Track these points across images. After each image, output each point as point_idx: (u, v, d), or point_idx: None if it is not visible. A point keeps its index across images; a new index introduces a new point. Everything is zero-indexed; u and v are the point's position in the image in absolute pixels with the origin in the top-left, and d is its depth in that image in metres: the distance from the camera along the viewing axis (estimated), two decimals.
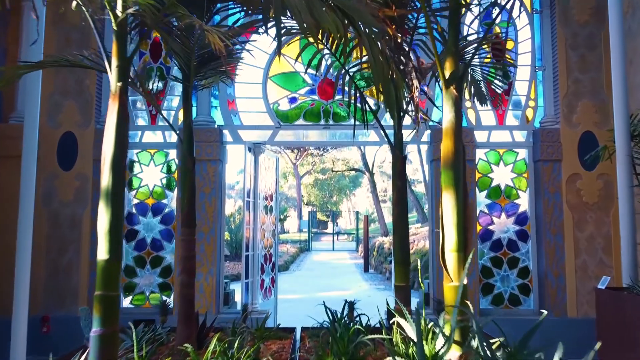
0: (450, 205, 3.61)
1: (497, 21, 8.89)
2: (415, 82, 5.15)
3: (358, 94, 5.25)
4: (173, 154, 8.82)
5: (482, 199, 8.77)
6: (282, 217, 34.85)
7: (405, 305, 4.58)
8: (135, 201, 8.84)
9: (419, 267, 5.80)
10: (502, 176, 8.83)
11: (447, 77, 3.67)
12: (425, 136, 8.93)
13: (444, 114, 3.72)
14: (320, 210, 55.36)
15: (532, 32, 8.95)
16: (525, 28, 8.97)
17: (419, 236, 19.32)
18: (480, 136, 8.78)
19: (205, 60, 4.91)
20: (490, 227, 8.72)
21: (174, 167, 8.80)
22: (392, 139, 4.88)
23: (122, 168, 3.08)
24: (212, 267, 8.40)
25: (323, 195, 53.22)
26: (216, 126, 8.76)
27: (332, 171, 42.53)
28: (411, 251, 19.70)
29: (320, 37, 4.60)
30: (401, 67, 4.98)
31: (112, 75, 3.19)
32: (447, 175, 3.63)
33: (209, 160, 8.53)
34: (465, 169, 3.82)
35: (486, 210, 8.75)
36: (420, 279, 4.42)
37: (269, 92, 8.96)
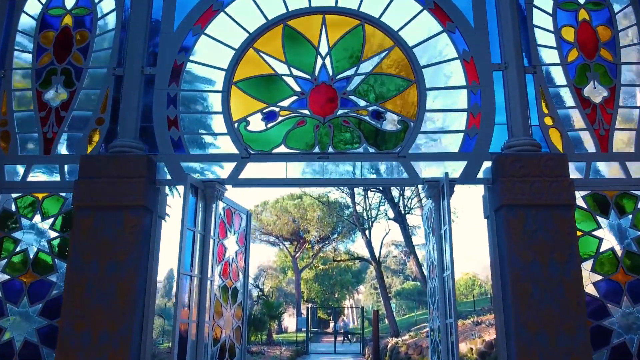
0: None
1: None
2: None
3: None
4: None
5: (585, 272, 5.17)
6: (277, 313, 30.43)
7: None
8: (3, 278, 5.27)
9: None
10: (615, 234, 5.31)
11: None
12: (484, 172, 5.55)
13: None
14: (321, 307, 50.61)
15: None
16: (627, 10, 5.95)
17: None
18: (571, 170, 5.40)
19: None
20: (605, 324, 5.06)
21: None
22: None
23: None
24: None
25: (324, 291, 48.85)
26: (144, 153, 5.40)
27: (334, 260, 38.57)
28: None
29: None
30: None
31: None
32: None
33: (129, 207, 5.09)
34: None
35: (595, 293, 5.13)
36: None
37: (233, 105, 5.73)
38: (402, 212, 26.17)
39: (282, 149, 5.60)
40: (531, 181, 5.08)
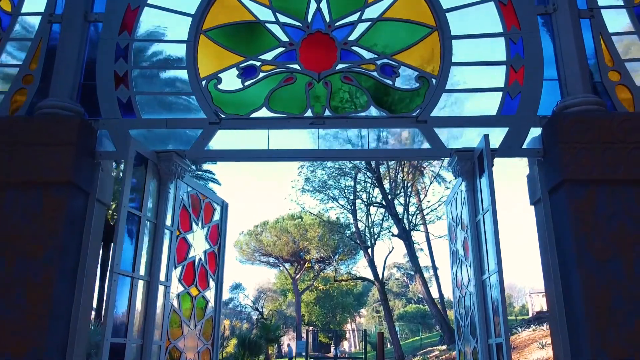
0: None
1: None
2: None
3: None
4: None
5: None
6: (274, 336, 28.73)
7: None
8: None
9: None
10: None
11: None
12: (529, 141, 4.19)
13: None
14: (322, 330, 48.78)
15: None
16: None
17: None
18: None
19: None
20: None
21: None
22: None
23: None
24: None
25: (325, 314, 47.12)
26: (79, 117, 4.04)
27: (335, 280, 36.78)
28: None
29: None
30: None
31: None
32: None
33: (51, 184, 3.71)
34: None
35: None
36: None
37: (201, 58, 4.40)
38: (407, 227, 24.66)
39: (264, 112, 4.25)
40: (602, 149, 3.72)
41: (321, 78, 4.32)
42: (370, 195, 25.94)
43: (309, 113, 4.25)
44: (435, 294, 28.03)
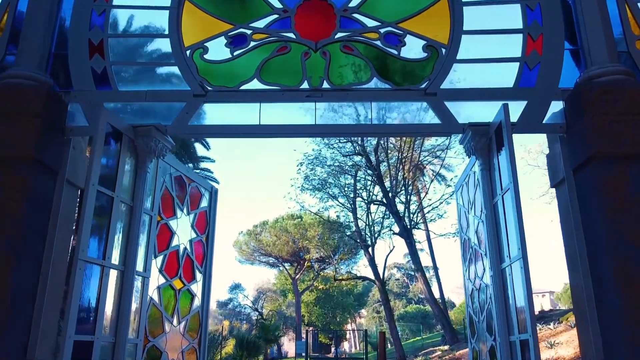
0: None
1: None
2: None
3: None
4: None
5: None
6: (273, 336, 28.30)
7: None
8: None
9: None
10: None
11: None
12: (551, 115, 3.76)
13: None
14: (322, 331, 48.41)
15: None
16: None
17: None
18: None
19: None
20: None
21: None
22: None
23: None
24: None
25: (325, 314, 46.74)
26: (40, 84, 3.60)
27: (335, 280, 36.28)
28: None
29: None
30: None
31: None
32: None
33: (11, 160, 3.28)
34: None
35: None
36: None
37: (185, 26, 3.97)
38: (408, 226, 24.22)
39: (255, 84, 3.82)
40: (634, 121, 3.28)
41: (319, 47, 3.89)
42: (371, 193, 25.51)
43: (305, 85, 3.82)
44: (436, 294, 27.57)
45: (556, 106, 3.78)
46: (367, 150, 22.98)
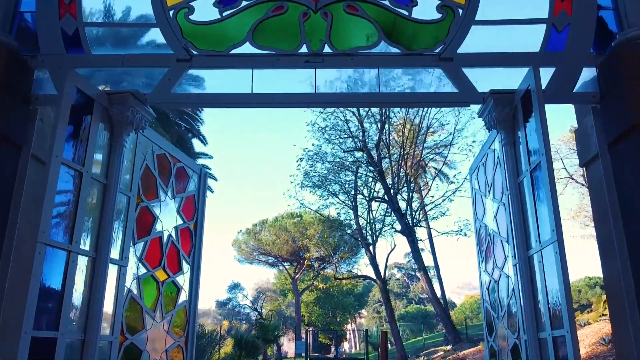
0: None
1: None
2: None
3: None
4: None
5: None
6: (272, 336, 27.88)
7: None
8: None
9: None
10: None
11: None
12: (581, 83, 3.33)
13: None
14: (322, 331, 48.11)
15: None
16: None
17: None
18: None
19: None
20: None
21: None
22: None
23: None
24: None
25: (325, 314, 46.42)
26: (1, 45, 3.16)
27: (335, 279, 35.86)
28: None
29: None
30: None
31: None
32: None
33: None
34: None
35: None
36: None
37: None
38: (410, 223, 23.77)
39: (247, 48, 3.37)
40: None
41: (319, 7, 3.45)
42: (372, 190, 25.06)
43: (303, 50, 3.38)
44: (437, 294, 27.13)
45: (587, 74, 3.34)
46: (368, 146, 22.57)
